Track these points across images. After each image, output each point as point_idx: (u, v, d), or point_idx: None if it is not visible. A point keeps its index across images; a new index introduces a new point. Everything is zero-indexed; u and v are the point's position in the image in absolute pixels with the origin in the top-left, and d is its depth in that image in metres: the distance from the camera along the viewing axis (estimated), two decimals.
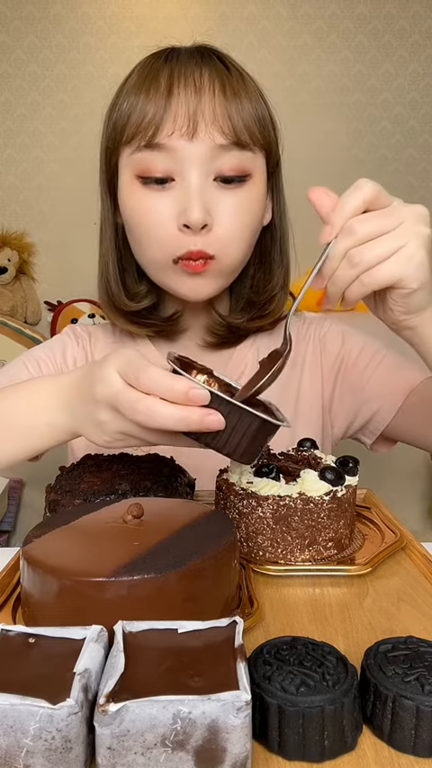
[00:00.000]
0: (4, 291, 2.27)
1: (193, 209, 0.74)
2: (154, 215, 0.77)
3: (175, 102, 0.73)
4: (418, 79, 2.29)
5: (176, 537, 0.48)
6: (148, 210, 0.77)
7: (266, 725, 0.36)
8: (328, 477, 0.61)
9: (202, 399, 0.50)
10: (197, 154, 0.74)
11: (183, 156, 0.74)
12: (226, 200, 0.76)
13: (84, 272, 0.98)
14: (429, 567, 0.60)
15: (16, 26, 2.21)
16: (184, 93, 0.73)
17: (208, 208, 0.75)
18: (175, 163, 0.75)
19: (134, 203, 0.78)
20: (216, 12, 2.21)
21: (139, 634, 0.39)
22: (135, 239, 0.82)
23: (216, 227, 0.76)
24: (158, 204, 0.76)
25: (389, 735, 0.37)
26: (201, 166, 0.75)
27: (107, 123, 0.81)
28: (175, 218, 0.76)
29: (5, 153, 2.27)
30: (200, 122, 0.73)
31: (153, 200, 0.77)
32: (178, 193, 0.75)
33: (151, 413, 0.51)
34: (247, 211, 0.79)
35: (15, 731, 0.32)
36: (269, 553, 0.61)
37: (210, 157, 0.75)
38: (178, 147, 0.74)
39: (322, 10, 2.23)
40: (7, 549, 0.66)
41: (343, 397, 0.93)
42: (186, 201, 0.74)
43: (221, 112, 0.74)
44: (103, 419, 0.56)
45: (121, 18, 2.20)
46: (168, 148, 0.74)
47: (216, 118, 0.74)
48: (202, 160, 0.74)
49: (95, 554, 0.47)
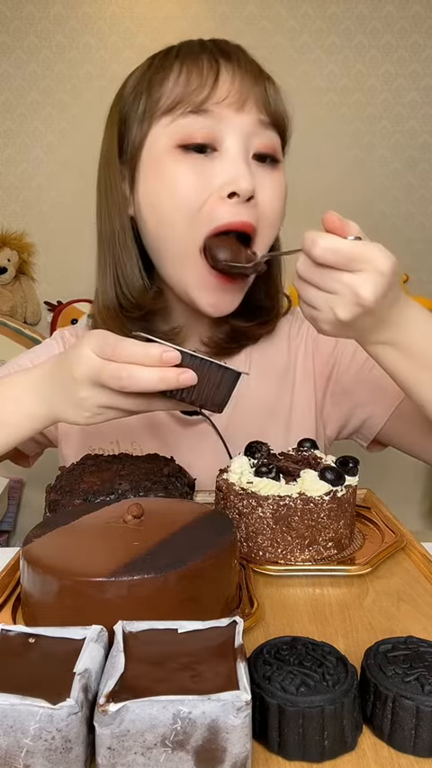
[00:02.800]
0: (3, 291, 2.27)
1: (242, 175, 0.73)
2: (196, 183, 0.74)
3: (224, 75, 0.74)
4: (418, 79, 2.29)
5: (176, 537, 0.48)
6: (188, 179, 0.74)
7: (266, 725, 0.36)
8: (328, 477, 0.61)
9: (175, 359, 0.57)
10: (242, 125, 0.74)
11: (229, 125, 0.74)
12: (266, 176, 0.76)
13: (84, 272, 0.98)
14: (429, 567, 0.60)
15: (16, 26, 2.21)
16: (231, 68, 0.74)
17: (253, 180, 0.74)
18: (220, 131, 0.74)
19: (172, 172, 0.75)
20: (216, 12, 2.21)
21: (139, 634, 0.39)
22: (161, 221, 0.77)
23: (259, 202, 0.75)
24: (201, 172, 0.74)
25: (389, 735, 0.37)
26: (244, 138, 0.75)
27: (131, 103, 0.78)
28: (218, 189, 0.73)
29: (5, 153, 2.27)
30: (249, 97, 0.74)
31: (195, 168, 0.74)
32: (223, 163, 0.74)
33: (133, 377, 0.57)
34: (282, 194, 0.79)
35: (15, 731, 0.32)
36: (269, 553, 0.61)
37: (252, 132, 0.75)
38: (226, 116, 0.73)
39: (322, 10, 2.23)
40: (7, 549, 0.66)
41: (335, 400, 0.92)
42: (235, 169, 0.73)
43: (264, 93, 0.76)
44: (83, 396, 0.61)
45: (122, 18, 2.20)
46: (216, 115, 0.73)
47: (261, 95, 0.75)
48: (247, 132, 0.75)
49: (95, 554, 0.47)
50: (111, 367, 0.58)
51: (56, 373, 0.65)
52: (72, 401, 0.62)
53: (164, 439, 0.87)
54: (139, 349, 0.57)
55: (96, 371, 0.59)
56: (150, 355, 0.57)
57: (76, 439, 0.89)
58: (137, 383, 0.57)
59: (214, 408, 0.61)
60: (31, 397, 0.67)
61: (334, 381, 0.91)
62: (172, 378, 0.57)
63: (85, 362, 0.59)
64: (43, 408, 0.67)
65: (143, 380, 0.57)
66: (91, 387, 0.60)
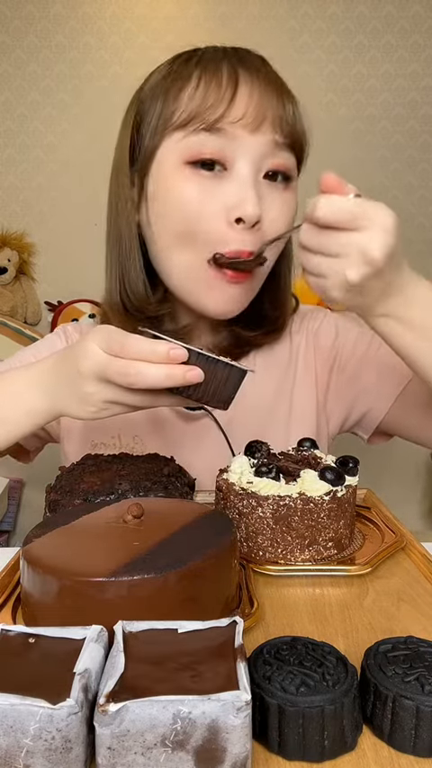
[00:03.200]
0: (4, 291, 2.27)
1: (249, 202, 0.71)
2: (202, 203, 0.73)
3: (242, 93, 0.72)
4: (418, 79, 2.29)
5: (176, 537, 0.48)
6: (194, 198, 0.73)
7: (266, 725, 0.36)
8: (328, 477, 0.61)
9: (182, 356, 0.57)
10: (256, 146, 0.73)
11: (242, 146, 0.72)
12: (275, 196, 0.75)
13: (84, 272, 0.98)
14: (429, 567, 0.60)
15: (16, 26, 2.21)
16: (250, 86, 0.73)
17: (261, 204, 0.73)
18: (232, 151, 0.73)
19: (179, 190, 0.74)
20: (216, 12, 2.21)
21: (139, 634, 0.39)
22: (168, 234, 0.76)
23: (265, 225, 0.74)
24: (209, 192, 0.73)
25: (389, 735, 0.37)
26: (256, 160, 0.73)
27: (145, 113, 0.77)
28: (225, 211, 0.72)
29: (5, 153, 2.27)
30: (266, 115, 0.73)
31: (203, 187, 0.73)
32: (231, 184, 0.73)
33: (140, 374, 0.57)
34: (291, 213, 0.78)
35: (15, 731, 0.32)
36: (269, 553, 0.61)
37: (265, 153, 0.74)
38: (240, 136, 0.72)
39: (322, 10, 2.23)
40: (7, 549, 0.66)
41: (337, 393, 0.92)
42: (243, 192, 0.72)
43: (282, 114, 0.74)
44: (89, 391, 0.60)
45: (122, 18, 2.20)
46: (229, 135, 0.72)
47: (279, 116, 0.74)
48: (260, 154, 0.73)
49: (95, 554, 0.47)
50: (118, 363, 0.57)
51: (60, 368, 0.65)
52: (77, 396, 0.62)
53: (166, 434, 0.87)
54: (147, 346, 0.57)
55: (103, 367, 0.58)
56: (157, 352, 0.57)
57: (79, 434, 0.89)
58: (144, 380, 0.57)
59: (220, 405, 0.62)
60: (32, 392, 0.67)
61: (336, 372, 0.92)
62: (179, 375, 0.56)
63: (92, 357, 0.59)
64: (45, 403, 0.66)
65: (150, 377, 0.57)
66: (97, 382, 0.60)
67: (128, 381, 0.57)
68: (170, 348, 0.57)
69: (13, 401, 0.68)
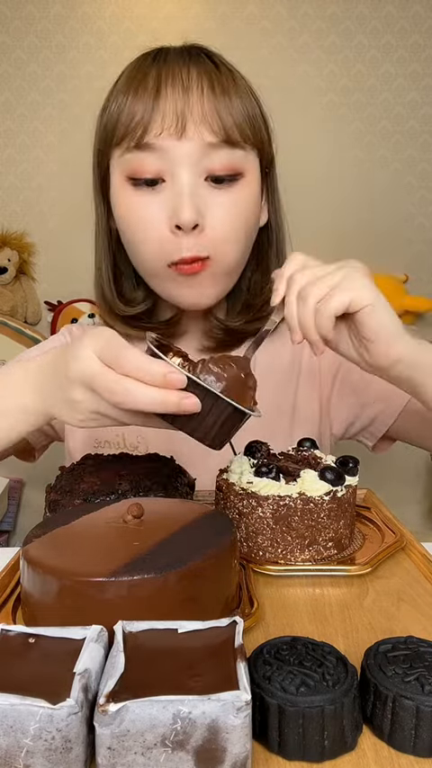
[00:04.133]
0: (4, 291, 2.27)
1: (183, 209, 0.72)
2: (145, 218, 0.76)
3: (162, 102, 0.72)
4: (418, 79, 2.29)
5: (176, 537, 0.48)
6: (139, 213, 0.76)
7: (266, 725, 0.36)
8: (328, 477, 0.61)
9: (180, 383, 0.52)
10: (186, 153, 0.73)
11: (172, 156, 0.73)
12: (218, 199, 0.75)
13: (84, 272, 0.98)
14: (429, 567, 0.60)
15: (16, 26, 2.21)
16: (171, 91, 0.72)
17: (199, 208, 0.74)
18: (164, 163, 0.74)
19: (125, 206, 0.77)
20: (216, 12, 2.21)
21: (139, 634, 0.39)
22: (129, 243, 0.80)
23: (208, 227, 0.75)
24: (149, 206, 0.75)
25: (389, 735, 0.37)
26: (191, 166, 0.74)
27: (98, 125, 0.80)
28: (167, 220, 0.74)
29: (5, 153, 2.27)
30: (188, 121, 0.72)
31: (144, 202, 0.75)
32: (169, 194, 0.74)
33: (129, 394, 0.52)
34: (241, 211, 0.78)
35: (15, 731, 0.32)
36: (269, 553, 0.61)
37: (199, 156, 0.74)
38: (167, 147, 0.73)
39: (322, 10, 2.22)
40: (7, 549, 0.66)
41: (342, 400, 0.92)
42: (177, 202, 0.73)
43: (210, 110, 0.73)
44: (76, 398, 0.56)
45: (121, 18, 2.20)
46: (157, 148, 0.73)
47: (205, 116, 0.73)
48: (192, 159, 0.73)
49: (95, 554, 0.47)
50: (107, 377, 0.53)
51: (54, 368, 0.61)
52: (66, 400, 0.58)
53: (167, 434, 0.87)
54: (143, 363, 0.52)
55: (90, 376, 0.54)
56: (153, 373, 0.51)
57: (82, 431, 0.90)
58: (133, 401, 0.52)
59: (212, 444, 0.56)
60: (26, 389, 0.64)
61: (341, 379, 0.92)
62: (172, 403, 0.51)
63: (83, 363, 0.54)
64: (38, 403, 0.63)
65: (140, 399, 0.52)
66: (84, 390, 0.55)
67: (114, 400, 0.53)
68: (168, 371, 0.52)
69: (7, 398, 0.65)
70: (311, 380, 0.92)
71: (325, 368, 0.93)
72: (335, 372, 0.92)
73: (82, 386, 0.55)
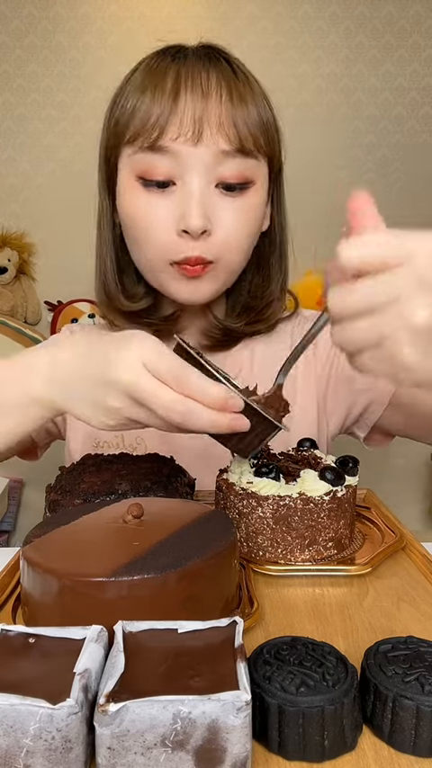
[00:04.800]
0: (4, 291, 2.27)
1: (193, 214, 0.73)
2: (153, 218, 0.76)
3: (181, 106, 0.72)
4: (418, 79, 2.29)
5: (176, 537, 0.48)
6: (147, 213, 0.76)
7: (266, 725, 0.36)
8: (328, 477, 0.61)
9: (238, 407, 0.53)
10: (201, 159, 0.73)
11: (186, 161, 0.73)
12: (227, 206, 0.76)
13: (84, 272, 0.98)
14: (429, 567, 0.60)
15: (16, 26, 2.20)
16: (191, 96, 0.72)
17: (208, 214, 0.74)
18: (177, 167, 0.74)
19: (133, 205, 0.78)
20: (216, 12, 2.21)
21: (139, 634, 0.39)
22: (133, 240, 0.81)
23: (215, 233, 0.76)
24: (158, 208, 0.75)
25: (389, 735, 0.37)
26: (203, 172, 0.74)
27: (109, 119, 0.79)
28: (175, 223, 0.75)
29: (5, 153, 2.27)
30: (205, 128, 0.72)
31: (153, 203, 0.76)
32: (179, 198, 0.75)
33: (192, 415, 0.51)
34: (248, 219, 0.78)
35: (15, 731, 0.32)
36: (269, 553, 0.61)
37: (213, 163, 0.74)
38: (182, 152, 0.73)
39: (322, 10, 2.22)
40: (7, 549, 0.66)
41: (336, 393, 0.93)
42: (187, 207, 0.73)
43: (227, 119, 0.73)
44: (114, 405, 0.54)
45: (122, 18, 2.20)
46: (172, 152, 0.73)
47: (222, 124, 0.73)
48: (206, 166, 0.74)
49: (95, 554, 0.47)
50: (165, 396, 0.51)
51: (81, 365, 0.58)
52: (98, 404, 0.55)
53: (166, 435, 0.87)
54: (203, 386, 0.52)
55: (140, 389, 0.52)
56: (214, 397, 0.51)
57: (84, 431, 0.91)
58: (194, 422, 0.52)
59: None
60: (38, 379, 0.61)
61: (335, 374, 0.93)
62: (225, 424, 0.52)
63: (131, 373, 0.52)
64: (56, 396, 0.60)
65: (201, 421, 0.52)
66: (124, 397, 0.53)
67: (172, 419, 0.52)
68: (228, 396, 0.52)
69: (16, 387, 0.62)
70: (309, 382, 0.93)
71: (320, 364, 0.93)
72: (329, 368, 0.93)
73: (123, 394, 0.53)
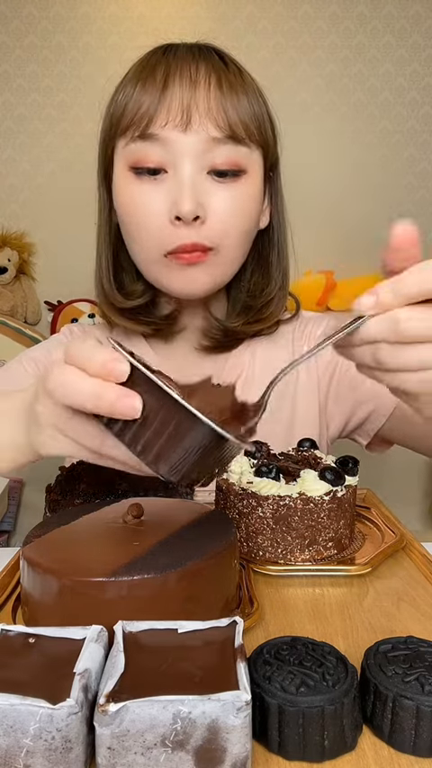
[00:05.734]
0: (3, 291, 2.27)
1: (184, 200, 0.73)
2: (146, 207, 0.76)
3: (169, 94, 0.73)
4: (418, 79, 2.28)
5: (176, 537, 0.48)
6: (139, 202, 0.77)
7: (266, 725, 0.36)
8: (328, 477, 0.61)
9: (120, 372, 0.42)
10: (190, 146, 0.74)
11: (176, 148, 0.74)
12: (219, 193, 0.76)
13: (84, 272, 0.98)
14: (429, 567, 0.60)
15: (16, 26, 2.20)
16: (179, 84, 0.73)
17: (201, 201, 0.74)
18: (168, 154, 0.74)
19: (126, 195, 0.78)
20: (216, 12, 2.21)
21: (139, 634, 0.39)
22: (127, 233, 0.81)
23: (209, 219, 0.76)
24: (150, 196, 0.76)
25: (389, 735, 0.37)
26: (194, 159, 0.74)
27: (105, 116, 0.81)
28: (167, 211, 0.75)
29: (5, 153, 2.27)
30: (194, 114, 0.73)
31: (146, 192, 0.76)
32: (170, 185, 0.75)
33: (67, 385, 0.44)
34: (242, 206, 0.78)
35: (15, 731, 0.32)
36: (269, 553, 0.61)
37: (203, 150, 0.74)
38: (172, 139, 0.74)
39: (322, 10, 2.22)
40: (7, 549, 0.66)
41: (338, 398, 0.92)
42: (178, 193, 0.74)
43: (216, 105, 0.74)
44: (38, 410, 0.50)
45: (122, 18, 2.20)
46: (162, 139, 0.74)
47: (210, 110, 0.74)
48: (196, 152, 0.74)
49: (95, 554, 0.47)
50: (54, 370, 0.46)
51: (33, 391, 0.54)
52: (34, 418, 0.51)
53: None
54: (87, 351, 0.44)
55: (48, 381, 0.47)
56: (93, 360, 0.43)
57: None
58: (66, 394, 0.44)
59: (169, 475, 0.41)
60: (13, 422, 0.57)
61: (337, 379, 0.92)
62: (107, 398, 0.42)
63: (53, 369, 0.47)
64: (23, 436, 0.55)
65: (74, 390, 0.44)
66: (42, 396, 0.49)
67: (48, 388, 0.46)
68: (109, 358, 0.43)
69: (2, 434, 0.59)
70: (310, 385, 0.93)
71: (322, 366, 0.93)
72: (331, 372, 0.92)
73: (44, 393, 0.49)
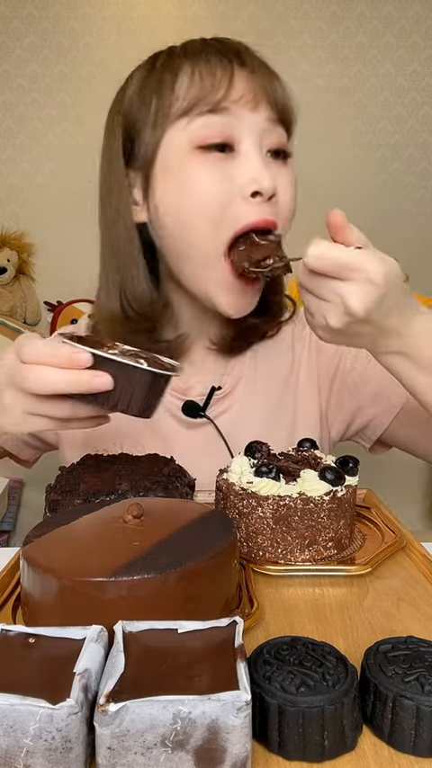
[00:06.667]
0: (3, 291, 2.27)
1: (264, 175, 0.73)
2: (218, 183, 0.74)
3: (238, 72, 0.74)
4: (418, 79, 2.29)
5: (176, 537, 0.48)
6: (210, 180, 0.74)
7: (266, 725, 0.36)
8: (328, 477, 0.61)
9: (84, 361, 0.55)
10: (257, 123, 0.75)
11: (245, 124, 0.74)
12: (281, 172, 0.77)
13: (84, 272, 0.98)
14: (429, 567, 0.60)
15: (16, 26, 2.21)
16: (243, 65, 0.75)
17: None
18: (237, 129, 0.74)
19: (193, 174, 0.74)
20: (216, 12, 2.21)
21: (139, 634, 0.39)
22: (182, 224, 0.76)
23: (279, 196, 0.76)
24: (222, 172, 0.74)
25: (389, 735, 0.37)
26: (259, 137, 0.75)
27: (137, 109, 0.77)
28: (240, 188, 0.73)
29: (5, 153, 2.27)
30: (262, 94, 0.75)
31: (215, 167, 0.74)
32: (241, 162, 0.74)
33: (41, 379, 0.55)
34: (295, 188, 0.79)
35: (15, 731, 0.32)
36: (269, 553, 0.61)
37: (265, 129, 0.75)
38: (242, 115, 0.74)
39: (322, 10, 2.23)
40: (7, 549, 0.66)
41: (339, 402, 0.92)
42: (256, 169, 0.74)
43: (273, 89, 0.76)
44: (6, 402, 0.60)
45: (122, 18, 2.20)
46: (233, 114, 0.74)
47: (271, 93, 0.76)
48: (260, 131, 0.75)
49: (95, 554, 0.47)
50: (20, 367, 0.57)
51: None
52: (1, 408, 0.61)
53: (167, 441, 0.87)
54: (48, 349, 0.56)
55: (11, 375, 0.58)
56: (58, 356, 0.55)
57: (81, 442, 0.89)
58: (44, 384, 0.55)
59: (140, 413, 0.58)
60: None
61: (338, 382, 0.91)
62: (84, 381, 0.55)
63: (6, 366, 0.59)
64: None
65: (50, 381, 0.55)
66: (12, 391, 0.59)
67: (28, 386, 0.56)
68: (72, 351, 0.55)
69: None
70: (310, 385, 0.92)
71: (322, 372, 0.92)
72: (332, 376, 0.92)
73: (9, 387, 0.59)
